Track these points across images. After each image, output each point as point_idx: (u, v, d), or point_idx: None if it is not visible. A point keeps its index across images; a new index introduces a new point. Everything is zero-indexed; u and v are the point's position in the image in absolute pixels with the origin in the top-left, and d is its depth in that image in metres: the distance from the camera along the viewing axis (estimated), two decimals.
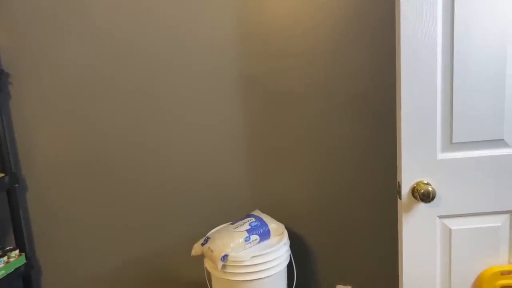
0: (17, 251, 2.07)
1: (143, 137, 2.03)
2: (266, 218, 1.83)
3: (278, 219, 1.96)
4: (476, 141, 1.31)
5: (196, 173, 2.02)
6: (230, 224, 1.83)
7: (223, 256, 1.65)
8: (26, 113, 2.10)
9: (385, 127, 1.82)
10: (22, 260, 2.09)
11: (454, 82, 1.28)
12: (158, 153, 2.03)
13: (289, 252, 1.81)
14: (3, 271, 1.96)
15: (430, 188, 1.29)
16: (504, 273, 1.35)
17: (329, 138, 1.88)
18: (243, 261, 1.66)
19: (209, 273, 1.81)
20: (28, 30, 2.01)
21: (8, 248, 2.07)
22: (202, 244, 1.76)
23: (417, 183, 1.33)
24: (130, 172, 2.07)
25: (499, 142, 1.31)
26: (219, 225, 1.97)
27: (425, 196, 1.29)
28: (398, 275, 1.81)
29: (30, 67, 2.05)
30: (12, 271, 2.02)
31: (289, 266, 1.85)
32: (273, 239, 1.80)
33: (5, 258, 1.99)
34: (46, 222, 2.19)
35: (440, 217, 1.36)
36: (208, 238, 1.76)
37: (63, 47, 2.00)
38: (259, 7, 1.83)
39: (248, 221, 1.80)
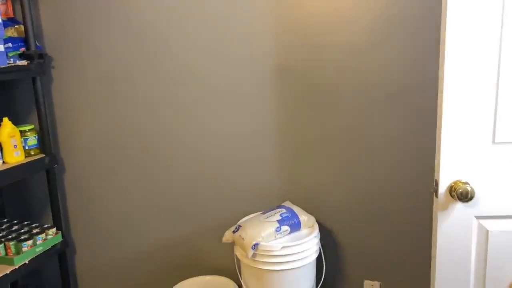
0: (54, 229, 2.15)
1: (178, 125, 2.06)
2: (297, 210, 1.84)
3: (309, 211, 1.96)
4: None
5: (230, 162, 2.04)
6: (261, 214, 1.84)
7: (254, 245, 1.67)
8: (67, 97, 2.16)
9: (424, 124, 1.79)
10: (59, 238, 2.17)
11: (499, 80, 1.25)
12: (193, 141, 2.06)
13: (319, 245, 1.82)
14: (41, 248, 2.04)
15: (468, 188, 1.27)
16: None
17: (364, 133, 1.86)
18: (273, 250, 1.67)
19: (238, 261, 1.84)
20: (72, 15, 2.07)
21: (46, 226, 2.15)
22: (234, 232, 1.78)
23: (455, 182, 1.31)
24: (164, 158, 2.11)
25: None
26: (249, 214, 1.99)
27: (463, 195, 1.27)
28: (427, 274, 1.78)
29: (73, 51, 2.10)
30: (49, 248, 2.10)
31: (318, 259, 1.86)
32: (303, 231, 1.81)
33: (43, 235, 2.07)
34: (81, 204, 2.26)
35: (477, 217, 1.33)
36: (239, 226, 1.78)
37: (105, 33, 2.05)
38: None
39: (279, 211, 1.81)
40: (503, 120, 1.27)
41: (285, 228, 1.75)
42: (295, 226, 1.78)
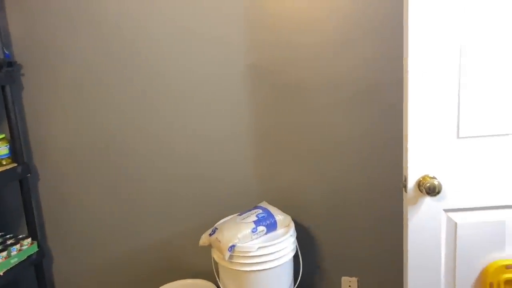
0: (29, 240, 2.12)
1: (152, 128, 2.05)
2: (273, 210, 1.85)
3: (285, 211, 1.97)
4: (483, 136, 1.31)
5: (205, 164, 2.04)
6: (238, 215, 1.85)
7: (230, 247, 1.68)
8: (38, 104, 2.13)
9: (393, 121, 1.82)
10: (34, 248, 2.14)
11: (461, 77, 1.28)
12: (167, 144, 2.06)
13: (296, 243, 1.83)
14: (16, 259, 2.01)
15: (436, 182, 1.30)
16: (509, 267, 1.36)
17: (336, 131, 1.89)
18: (250, 251, 1.68)
19: (216, 263, 1.84)
20: (40, 22, 2.04)
21: (20, 236, 2.12)
22: (210, 235, 1.78)
23: (423, 177, 1.34)
24: (140, 163, 2.10)
25: (505, 137, 1.31)
26: (226, 216, 1.99)
27: (430, 189, 1.30)
28: (403, 268, 1.81)
29: (42, 58, 2.08)
30: (25, 259, 2.07)
31: (295, 257, 1.87)
32: (279, 230, 1.82)
33: (18, 246, 2.04)
34: (58, 211, 2.23)
35: (446, 210, 1.36)
36: (216, 228, 1.78)
37: (73, 39, 2.03)
38: None
39: (255, 212, 1.82)
40: (466, 115, 1.30)
41: (262, 228, 1.76)
42: (272, 226, 1.79)
